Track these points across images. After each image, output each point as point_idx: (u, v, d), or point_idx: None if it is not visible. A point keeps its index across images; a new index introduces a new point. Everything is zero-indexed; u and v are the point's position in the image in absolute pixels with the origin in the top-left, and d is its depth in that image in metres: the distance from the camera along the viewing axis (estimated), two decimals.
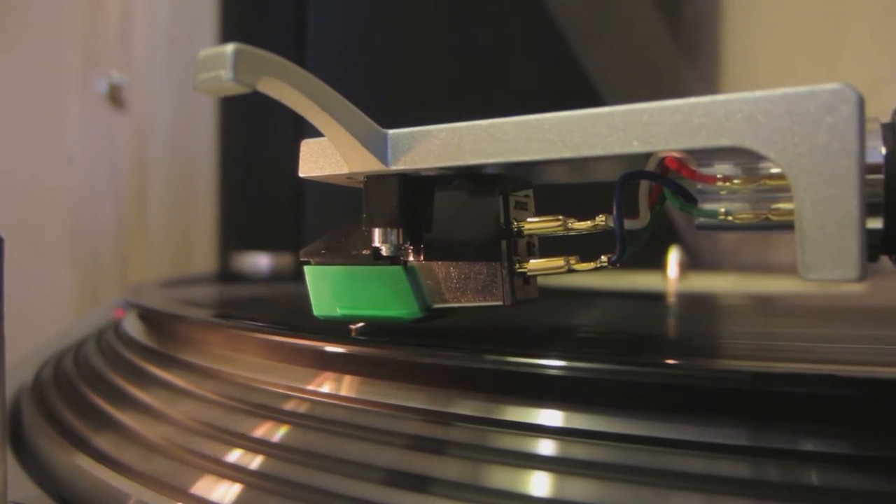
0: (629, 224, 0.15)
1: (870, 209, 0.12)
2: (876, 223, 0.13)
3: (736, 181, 0.14)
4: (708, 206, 0.14)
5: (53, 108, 0.62)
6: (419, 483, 0.13)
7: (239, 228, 0.54)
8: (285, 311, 0.28)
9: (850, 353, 0.16)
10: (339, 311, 0.17)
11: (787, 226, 0.13)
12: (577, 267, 0.15)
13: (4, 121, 0.63)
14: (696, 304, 0.32)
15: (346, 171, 0.16)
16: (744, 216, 0.14)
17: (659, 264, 0.40)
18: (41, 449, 0.19)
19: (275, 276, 0.46)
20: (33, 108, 0.63)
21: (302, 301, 0.18)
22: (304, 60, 0.49)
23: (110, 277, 0.61)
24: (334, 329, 0.17)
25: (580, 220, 0.15)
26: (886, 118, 0.13)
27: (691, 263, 0.42)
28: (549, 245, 0.16)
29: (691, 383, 0.13)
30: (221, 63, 0.12)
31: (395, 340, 0.16)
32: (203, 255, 0.58)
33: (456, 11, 0.50)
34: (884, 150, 0.13)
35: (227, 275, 0.50)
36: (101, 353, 0.24)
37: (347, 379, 0.16)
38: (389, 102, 0.47)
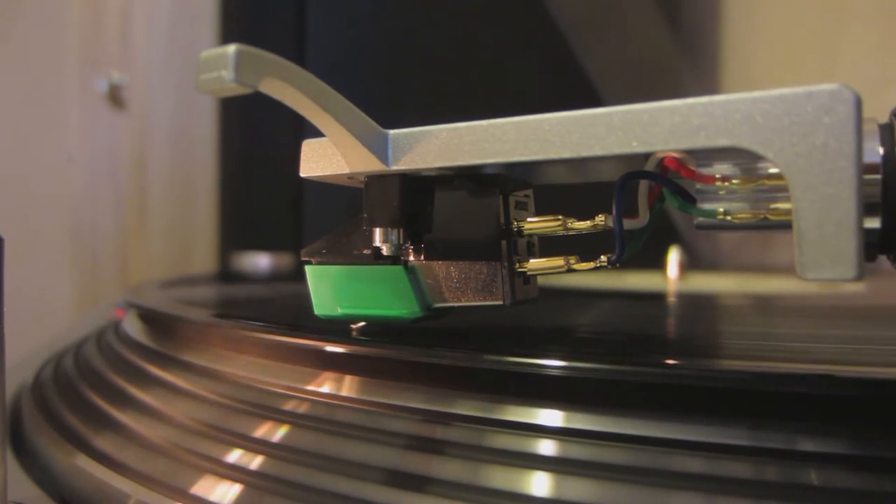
0: (629, 224, 0.15)
1: (867, 209, 0.12)
2: (873, 223, 0.13)
3: (734, 181, 0.14)
4: (707, 206, 0.14)
5: (53, 108, 0.62)
6: (418, 483, 0.13)
7: (239, 228, 0.54)
8: (286, 312, 0.28)
9: (849, 353, 0.16)
10: (339, 311, 0.17)
11: (786, 225, 0.13)
12: (576, 267, 0.15)
13: (4, 121, 0.63)
14: (696, 305, 0.32)
15: (347, 171, 0.16)
16: (742, 216, 0.14)
17: (659, 264, 0.40)
18: (41, 449, 0.19)
19: (275, 277, 0.46)
20: (33, 108, 0.63)
21: (302, 301, 0.18)
22: (304, 60, 0.49)
23: (110, 277, 0.61)
24: (335, 329, 0.17)
25: (580, 219, 0.15)
26: (885, 119, 0.13)
27: (691, 263, 0.42)
28: (548, 245, 0.16)
29: (691, 383, 0.13)
30: (223, 64, 0.12)
31: (395, 340, 0.16)
32: (203, 256, 0.58)
33: (456, 11, 0.50)
34: (881, 151, 0.13)
35: (227, 275, 0.50)
36: (101, 354, 0.24)
37: (348, 379, 0.16)
38: (389, 102, 0.47)
